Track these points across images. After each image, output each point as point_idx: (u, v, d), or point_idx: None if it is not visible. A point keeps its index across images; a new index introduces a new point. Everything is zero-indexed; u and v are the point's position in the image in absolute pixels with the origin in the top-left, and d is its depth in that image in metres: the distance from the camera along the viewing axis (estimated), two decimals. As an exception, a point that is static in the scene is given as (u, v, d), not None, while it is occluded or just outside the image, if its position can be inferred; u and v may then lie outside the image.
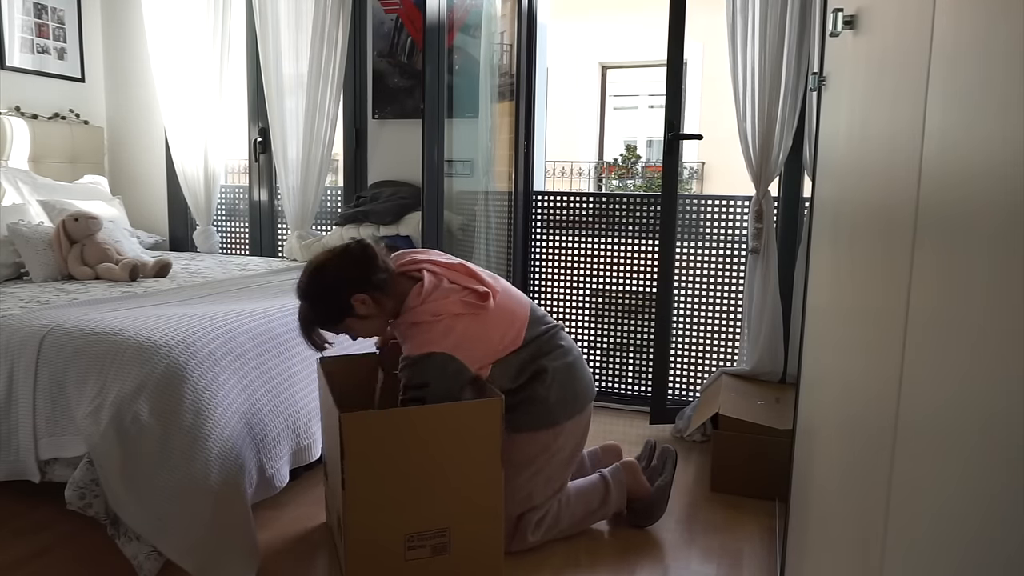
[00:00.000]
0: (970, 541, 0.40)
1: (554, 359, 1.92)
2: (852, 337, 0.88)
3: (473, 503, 1.76)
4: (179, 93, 3.63)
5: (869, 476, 0.69)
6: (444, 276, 1.84)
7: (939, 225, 0.52)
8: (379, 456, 1.68)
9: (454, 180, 3.04)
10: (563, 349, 1.96)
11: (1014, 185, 0.36)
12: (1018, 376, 0.34)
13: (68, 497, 1.73)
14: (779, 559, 1.84)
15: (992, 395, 0.38)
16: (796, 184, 2.76)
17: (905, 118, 0.66)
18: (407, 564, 1.72)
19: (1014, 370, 0.35)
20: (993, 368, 0.38)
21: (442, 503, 1.74)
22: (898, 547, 0.56)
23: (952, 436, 0.45)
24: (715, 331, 3.07)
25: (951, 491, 0.44)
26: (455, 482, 1.74)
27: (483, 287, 1.84)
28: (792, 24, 2.55)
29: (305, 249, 3.43)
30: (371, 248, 1.83)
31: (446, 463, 1.73)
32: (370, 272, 1.79)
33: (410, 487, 1.71)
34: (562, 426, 1.92)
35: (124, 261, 2.85)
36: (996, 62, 0.41)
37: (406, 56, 3.33)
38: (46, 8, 3.58)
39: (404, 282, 1.84)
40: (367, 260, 1.80)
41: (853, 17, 1.07)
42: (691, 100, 9.65)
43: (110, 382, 1.77)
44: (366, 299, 1.79)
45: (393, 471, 1.69)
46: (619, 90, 11.69)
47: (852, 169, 1.02)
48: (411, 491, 1.71)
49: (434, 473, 1.72)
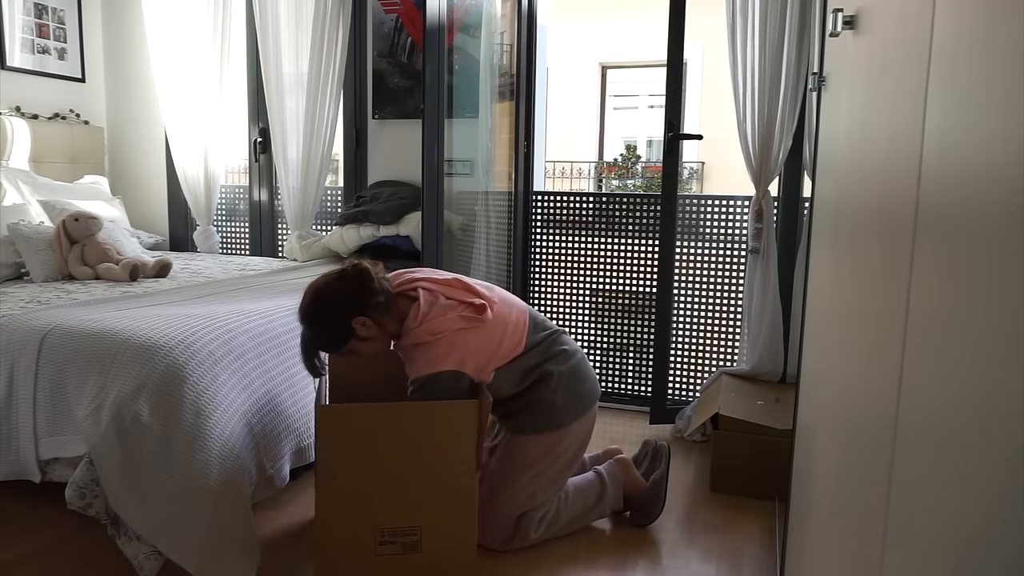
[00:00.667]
0: (970, 541, 0.40)
1: (559, 363, 1.94)
2: (852, 337, 0.88)
3: (447, 503, 1.77)
4: (179, 93, 3.63)
5: (869, 476, 0.69)
6: (440, 293, 1.86)
7: (939, 225, 0.52)
8: (354, 449, 1.71)
9: (454, 180, 3.04)
10: (567, 352, 1.97)
11: (1014, 185, 0.36)
12: (1018, 376, 0.34)
13: (68, 497, 1.73)
14: (779, 559, 1.84)
15: (992, 395, 0.38)
16: (796, 184, 2.76)
17: (905, 118, 0.66)
18: (378, 559, 1.75)
19: (1014, 370, 0.35)
20: (993, 368, 0.38)
21: (415, 501, 1.76)
22: (898, 547, 0.56)
23: (952, 436, 0.45)
24: (715, 331, 3.07)
25: (951, 491, 0.44)
26: (429, 482, 1.76)
27: (479, 299, 1.86)
28: (792, 24, 2.55)
29: (305, 249, 3.43)
30: (367, 271, 1.84)
31: (421, 461, 1.74)
32: (368, 295, 1.81)
33: (384, 482, 1.74)
34: (568, 428, 1.94)
35: (124, 261, 2.85)
36: (996, 62, 0.41)
37: (406, 56, 3.33)
38: (46, 8, 3.58)
39: (402, 302, 1.86)
40: (364, 284, 1.82)
41: (853, 17, 1.07)
42: (691, 100, 9.65)
43: (110, 382, 1.77)
44: (367, 321, 1.81)
45: (367, 465, 1.73)
46: (619, 90, 11.69)
47: (852, 169, 1.02)
48: (384, 487, 1.74)
49: (408, 470, 1.74)
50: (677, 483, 2.41)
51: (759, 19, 2.57)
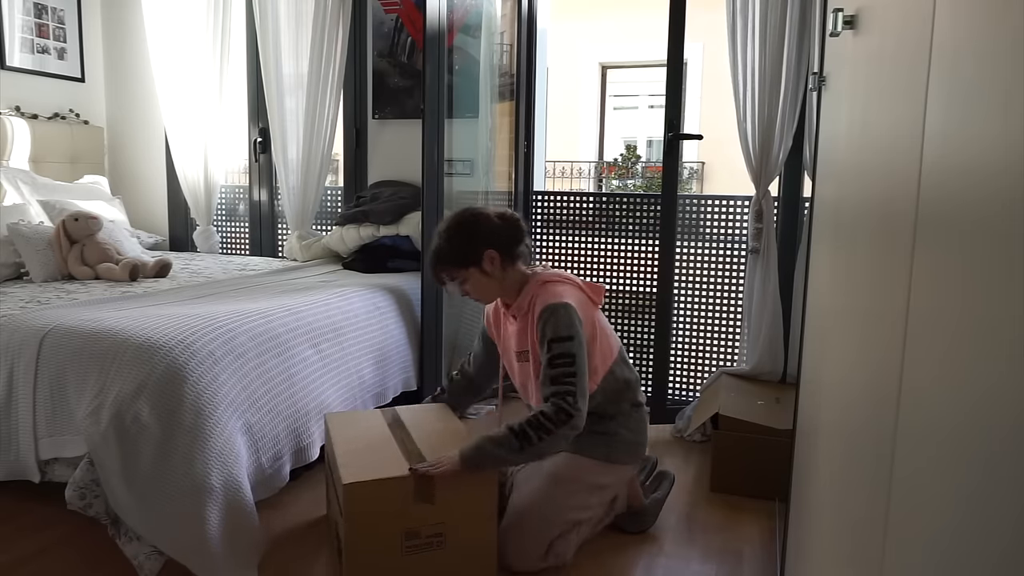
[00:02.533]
0: (970, 541, 0.40)
1: (639, 407, 2.00)
2: (852, 337, 0.88)
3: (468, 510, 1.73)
4: (179, 93, 3.63)
5: (869, 476, 0.69)
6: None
7: (939, 225, 0.52)
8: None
9: (454, 180, 3.04)
10: (642, 402, 2.03)
11: (1014, 185, 0.36)
12: (1018, 376, 0.34)
13: (68, 497, 1.73)
14: (779, 559, 1.84)
15: (992, 395, 0.38)
16: (796, 184, 2.76)
17: (905, 118, 0.66)
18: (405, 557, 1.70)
19: (1015, 370, 0.35)
20: (993, 368, 0.38)
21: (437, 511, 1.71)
22: (898, 547, 0.56)
23: (952, 436, 0.45)
24: (715, 331, 3.07)
25: (951, 491, 0.44)
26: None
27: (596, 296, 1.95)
28: (792, 24, 2.55)
29: (305, 249, 3.43)
30: (524, 225, 1.95)
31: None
32: (513, 240, 1.90)
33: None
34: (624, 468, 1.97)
35: (124, 261, 2.85)
36: (996, 62, 0.41)
37: (406, 56, 3.33)
38: (46, 8, 3.58)
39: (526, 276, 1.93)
40: (517, 229, 1.92)
41: (853, 17, 1.07)
42: (691, 100, 9.65)
43: (110, 382, 1.77)
44: (496, 258, 1.86)
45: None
46: (619, 90, 11.69)
47: (852, 169, 1.02)
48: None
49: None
50: (677, 483, 2.41)
51: (759, 19, 2.57)
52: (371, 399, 2.51)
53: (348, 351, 2.40)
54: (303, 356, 2.17)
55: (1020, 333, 0.34)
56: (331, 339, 2.33)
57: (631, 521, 2.09)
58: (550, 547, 1.84)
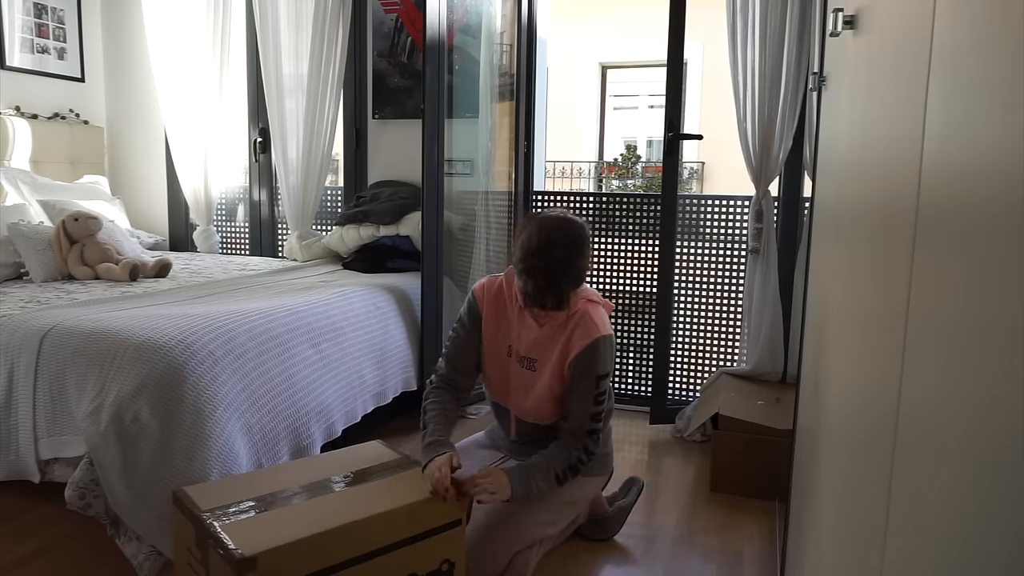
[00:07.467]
0: (970, 541, 0.40)
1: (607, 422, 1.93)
2: (852, 337, 0.88)
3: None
4: (179, 93, 3.63)
5: (869, 476, 0.69)
6: None
7: (940, 225, 0.52)
8: None
9: (454, 180, 3.04)
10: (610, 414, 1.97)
11: (1015, 185, 0.36)
12: (1018, 376, 0.34)
13: (68, 497, 1.73)
14: (779, 559, 1.84)
15: (992, 395, 0.38)
16: (796, 184, 2.76)
17: (905, 118, 0.66)
18: None
19: (1014, 370, 0.35)
20: (994, 368, 0.38)
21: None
22: (898, 547, 0.56)
23: (953, 436, 0.45)
24: (715, 331, 3.07)
25: (951, 491, 0.44)
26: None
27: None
28: (792, 24, 2.55)
29: (305, 249, 3.43)
30: None
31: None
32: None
33: None
34: (592, 480, 1.92)
35: (124, 261, 2.85)
36: (996, 62, 0.41)
37: (406, 56, 3.33)
38: (46, 8, 3.58)
39: None
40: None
41: (853, 17, 1.07)
42: (691, 100, 9.65)
43: (110, 382, 1.77)
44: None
45: None
46: (619, 90, 11.69)
47: (852, 169, 1.02)
48: None
49: None
50: (677, 483, 2.41)
51: (759, 19, 2.57)
52: (371, 399, 2.51)
53: (348, 351, 2.40)
54: (303, 356, 2.17)
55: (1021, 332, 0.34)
56: (331, 339, 2.33)
57: (594, 529, 2.05)
58: (509, 564, 1.76)
